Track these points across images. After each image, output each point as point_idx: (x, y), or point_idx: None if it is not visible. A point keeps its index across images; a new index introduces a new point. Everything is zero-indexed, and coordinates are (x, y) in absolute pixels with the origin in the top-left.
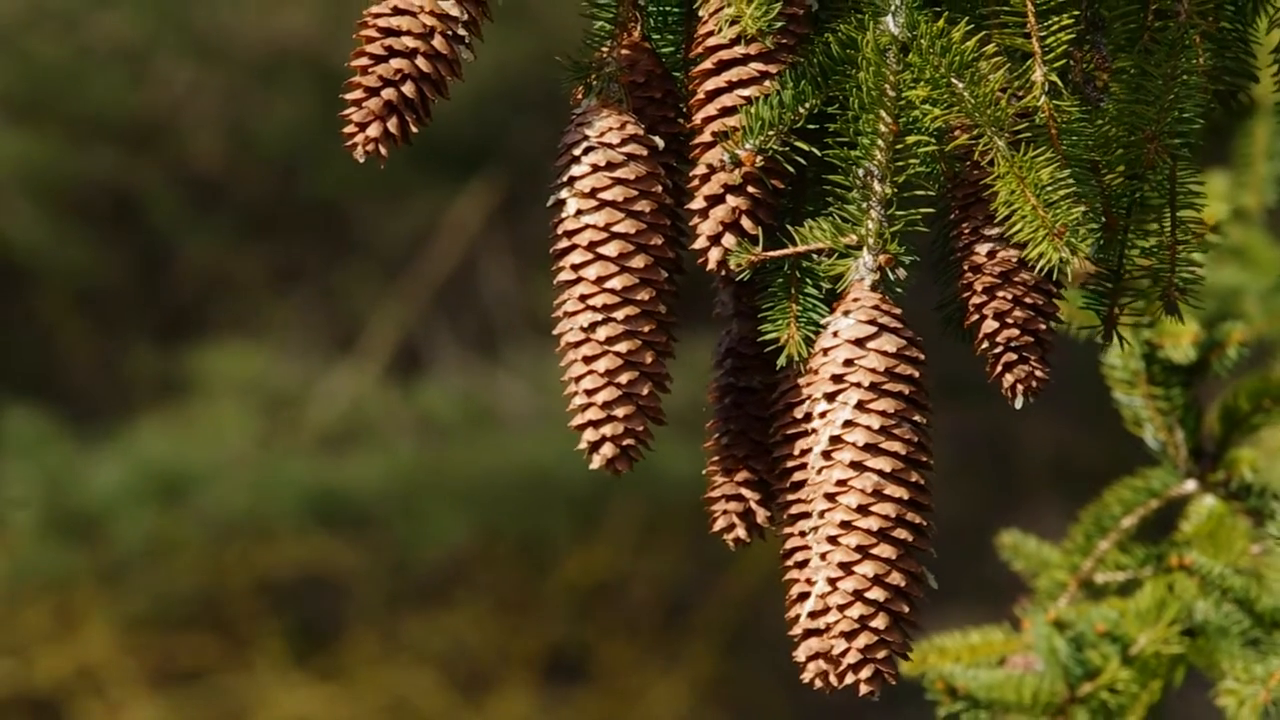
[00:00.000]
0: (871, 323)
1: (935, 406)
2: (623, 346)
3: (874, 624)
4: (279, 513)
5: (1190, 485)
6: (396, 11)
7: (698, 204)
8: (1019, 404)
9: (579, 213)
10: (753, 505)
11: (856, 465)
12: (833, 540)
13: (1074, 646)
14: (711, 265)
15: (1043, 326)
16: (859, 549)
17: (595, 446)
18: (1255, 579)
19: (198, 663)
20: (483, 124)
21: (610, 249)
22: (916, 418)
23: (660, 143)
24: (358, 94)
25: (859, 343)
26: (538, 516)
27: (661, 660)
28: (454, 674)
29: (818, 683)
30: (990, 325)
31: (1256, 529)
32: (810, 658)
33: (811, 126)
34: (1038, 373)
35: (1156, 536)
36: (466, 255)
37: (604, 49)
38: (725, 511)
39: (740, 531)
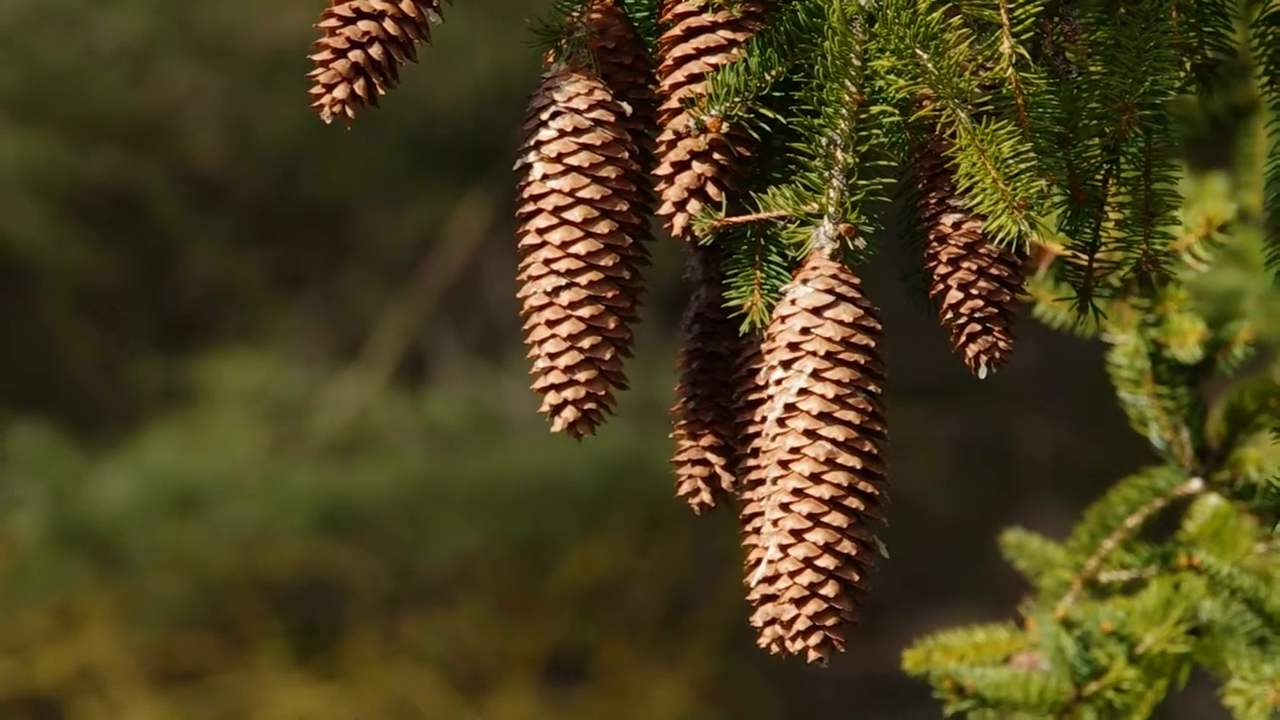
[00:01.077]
0: (829, 291)
1: (936, 408)
2: (585, 311)
3: (823, 591)
4: (286, 522)
5: (1195, 484)
6: None
7: (663, 170)
8: (982, 374)
9: (545, 177)
10: (718, 470)
11: (810, 433)
12: (785, 507)
13: (1081, 645)
14: (676, 231)
15: (1007, 298)
16: (810, 516)
17: (557, 410)
18: (1264, 579)
19: (198, 663)
20: (486, 128)
21: (575, 214)
22: (871, 387)
23: (628, 108)
24: (325, 55)
25: (816, 311)
26: (546, 521)
27: (661, 660)
28: (454, 674)
29: (774, 648)
30: (954, 296)
31: (1261, 528)
32: (766, 623)
33: (777, 94)
34: (1001, 343)
35: (1161, 536)
36: (471, 260)
37: (575, 13)
38: (690, 476)
39: (705, 496)
